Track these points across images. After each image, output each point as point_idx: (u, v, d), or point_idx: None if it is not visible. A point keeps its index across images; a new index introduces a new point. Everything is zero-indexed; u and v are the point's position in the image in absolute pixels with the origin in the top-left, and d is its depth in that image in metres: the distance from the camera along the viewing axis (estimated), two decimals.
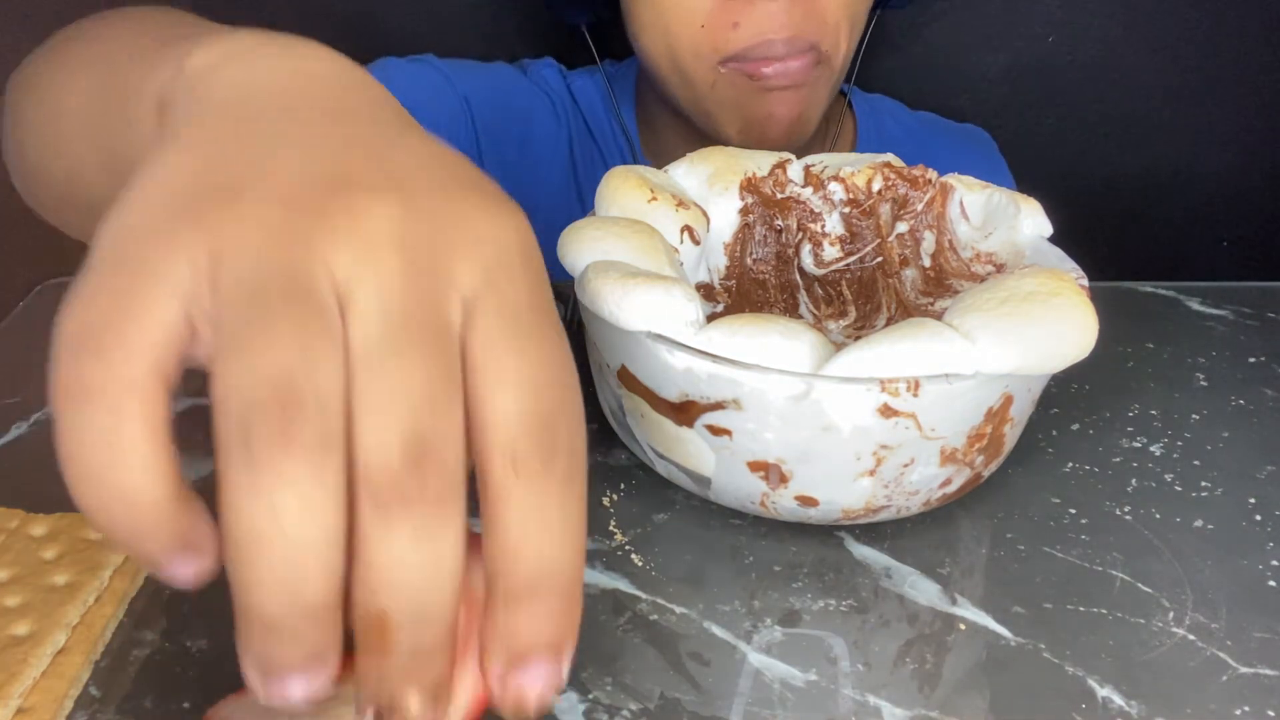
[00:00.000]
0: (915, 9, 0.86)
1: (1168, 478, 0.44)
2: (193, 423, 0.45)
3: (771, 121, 0.62)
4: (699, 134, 0.67)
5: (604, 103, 0.75)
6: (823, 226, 0.49)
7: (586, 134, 0.75)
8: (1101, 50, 0.89)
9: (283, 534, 0.19)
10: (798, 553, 0.39)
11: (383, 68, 0.69)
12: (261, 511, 0.19)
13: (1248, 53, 0.89)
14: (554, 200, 0.73)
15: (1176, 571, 0.38)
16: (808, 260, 0.50)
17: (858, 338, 0.45)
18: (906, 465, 0.37)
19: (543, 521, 0.22)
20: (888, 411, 0.35)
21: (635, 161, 0.73)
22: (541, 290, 0.24)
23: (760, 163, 0.49)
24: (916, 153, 0.76)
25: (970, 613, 0.37)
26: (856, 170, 0.49)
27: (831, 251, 0.49)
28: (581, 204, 0.74)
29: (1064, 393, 0.48)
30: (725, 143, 0.64)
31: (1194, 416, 0.47)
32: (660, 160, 0.74)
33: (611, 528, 0.40)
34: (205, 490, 0.42)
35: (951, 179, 0.48)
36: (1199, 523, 0.41)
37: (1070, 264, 0.43)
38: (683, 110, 0.66)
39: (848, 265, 0.49)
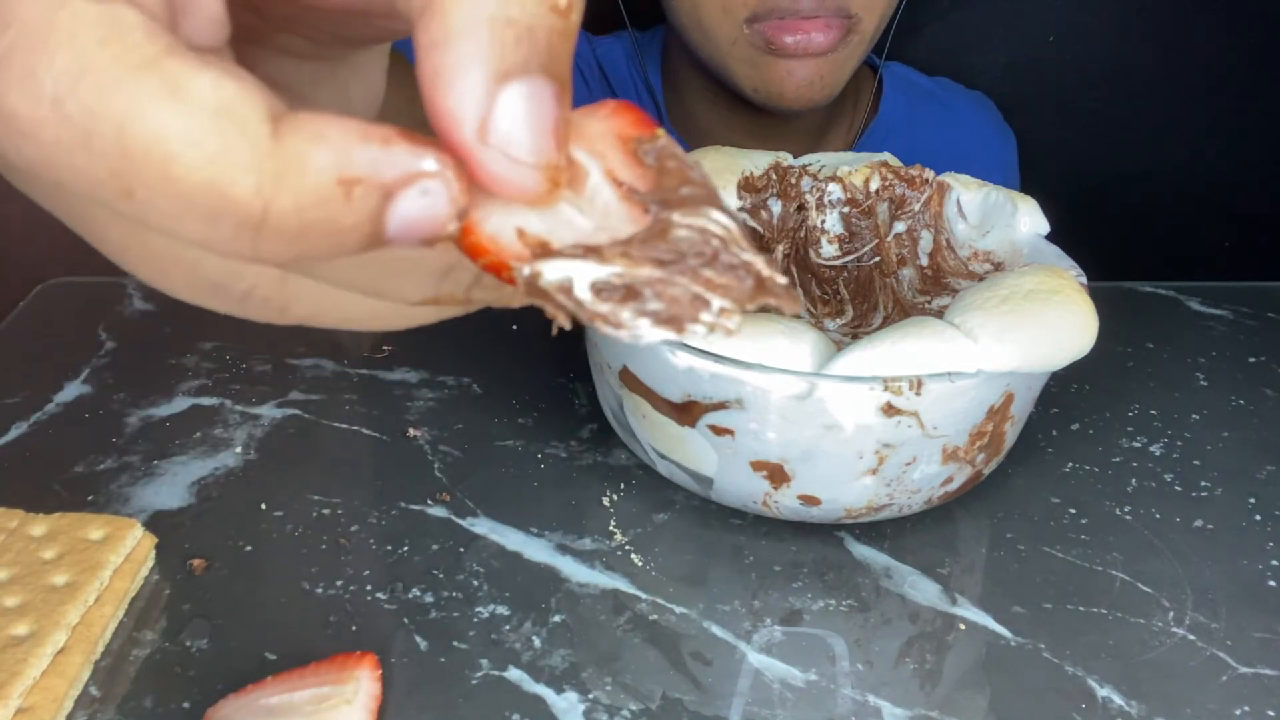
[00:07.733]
0: (915, 9, 0.86)
1: (1168, 478, 0.44)
2: (193, 422, 0.45)
3: (788, 82, 0.61)
4: (725, 98, 0.66)
5: (630, 67, 0.74)
6: (823, 222, 0.49)
7: (611, 97, 0.74)
8: (1101, 50, 0.89)
9: None
10: (798, 552, 0.39)
11: None
12: None
13: (1249, 53, 0.89)
14: None
15: (1176, 571, 0.38)
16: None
17: (854, 336, 0.45)
18: (909, 464, 0.37)
19: None
20: (890, 410, 0.35)
21: (660, 125, 0.73)
22: None
23: (757, 162, 0.49)
24: (940, 114, 0.76)
25: (970, 612, 0.36)
26: (854, 170, 0.49)
27: (830, 250, 0.49)
28: None
29: (1064, 392, 0.48)
30: (745, 100, 0.63)
31: (1194, 416, 0.47)
32: (686, 125, 0.74)
33: (611, 528, 0.40)
34: (206, 489, 0.42)
35: (948, 178, 0.48)
36: (1199, 523, 0.41)
37: (1068, 261, 0.43)
38: (704, 66, 0.66)
39: (845, 265, 0.49)
